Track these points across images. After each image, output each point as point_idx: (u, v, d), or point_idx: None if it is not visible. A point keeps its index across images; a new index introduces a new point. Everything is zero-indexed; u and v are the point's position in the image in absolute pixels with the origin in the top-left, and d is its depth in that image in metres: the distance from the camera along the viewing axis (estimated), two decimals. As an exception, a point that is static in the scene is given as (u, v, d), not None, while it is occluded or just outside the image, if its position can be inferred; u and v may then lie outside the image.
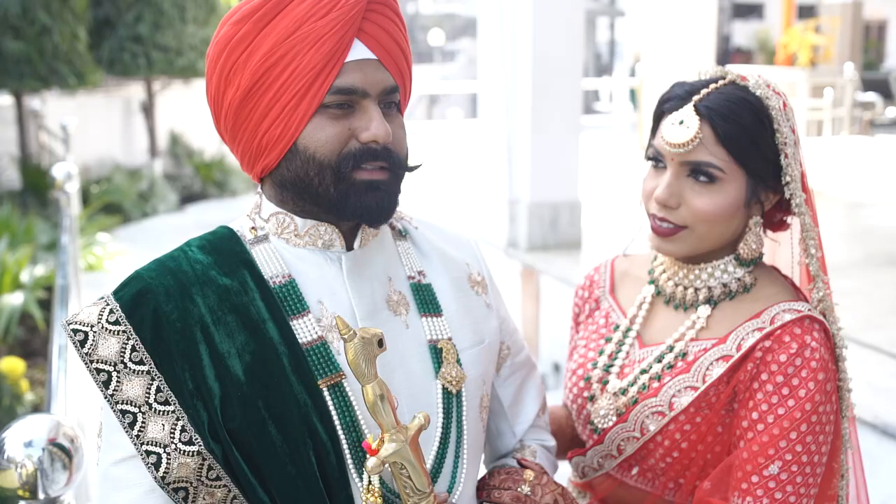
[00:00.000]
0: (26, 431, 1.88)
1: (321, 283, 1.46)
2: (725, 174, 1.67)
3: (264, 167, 1.43)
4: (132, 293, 1.37)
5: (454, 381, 1.51)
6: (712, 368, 1.69)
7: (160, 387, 1.33)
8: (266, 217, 1.49)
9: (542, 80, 7.26)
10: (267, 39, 1.36)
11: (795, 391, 1.61)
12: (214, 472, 1.34)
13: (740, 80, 1.72)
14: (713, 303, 1.77)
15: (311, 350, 1.40)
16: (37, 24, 10.74)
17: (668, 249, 1.75)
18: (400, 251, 1.59)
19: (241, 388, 1.35)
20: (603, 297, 1.98)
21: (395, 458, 1.30)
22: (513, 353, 1.74)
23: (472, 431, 1.55)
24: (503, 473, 1.60)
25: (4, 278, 7.51)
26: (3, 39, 10.59)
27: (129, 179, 12.96)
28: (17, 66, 10.78)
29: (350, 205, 1.40)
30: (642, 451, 1.74)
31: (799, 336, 1.64)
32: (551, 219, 7.41)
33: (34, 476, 1.86)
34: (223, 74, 1.40)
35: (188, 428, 1.33)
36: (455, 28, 36.36)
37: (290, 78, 1.35)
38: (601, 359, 1.86)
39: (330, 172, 1.38)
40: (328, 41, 1.35)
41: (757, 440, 1.62)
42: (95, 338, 1.34)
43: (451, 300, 1.59)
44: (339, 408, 1.39)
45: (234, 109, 1.40)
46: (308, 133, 1.37)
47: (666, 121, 1.71)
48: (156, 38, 13.02)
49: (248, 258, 1.45)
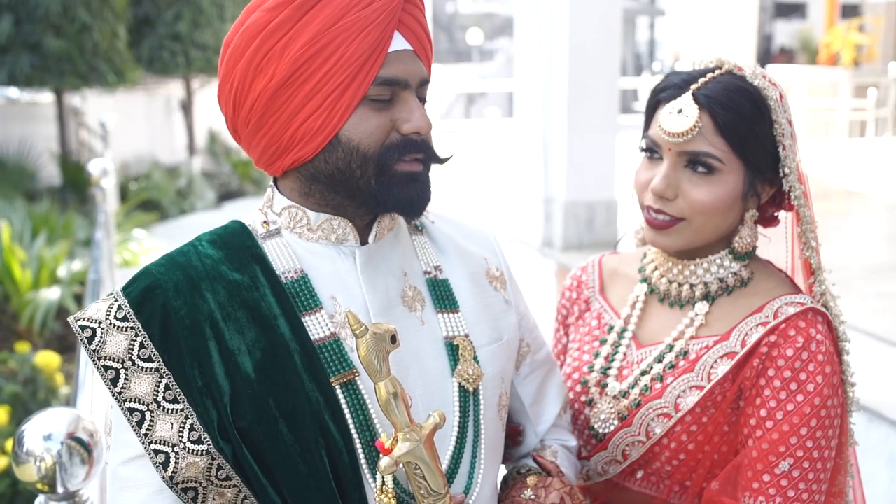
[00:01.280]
0: (46, 425, 1.87)
1: (334, 279, 1.43)
2: (724, 165, 1.63)
3: (296, 160, 1.38)
4: (141, 289, 1.35)
5: (471, 379, 1.48)
6: (717, 366, 1.65)
7: (169, 384, 1.31)
8: (278, 211, 1.46)
9: (579, 79, 7.23)
10: (308, 28, 1.32)
11: (804, 386, 1.57)
12: (224, 472, 1.31)
13: (737, 69, 1.67)
14: (710, 299, 1.72)
15: (324, 347, 1.37)
16: (77, 22, 10.83)
17: (664, 243, 1.71)
18: (416, 245, 1.55)
19: (251, 385, 1.32)
20: (593, 298, 1.93)
21: (409, 458, 1.27)
22: (532, 350, 1.70)
23: (489, 431, 1.51)
24: (508, 486, 1.58)
25: (42, 273, 7.58)
26: (44, 37, 10.69)
27: (167, 177, 13.06)
28: (58, 64, 10.87)
29: (393, 197, 1.38)
30: (647, 455, 1.70)
31: (804, 329, 1.60)
32: (587, 218, 7.37)
33: (53, 470, 1.84)
34: (253, 63, 1.35)
35: (197, 426, 1.30)
36: (494, 27, 36.30)
37: (333, 68, 1.32)
38: (597, 361, 1.81)
39: (373, 164, 1.36)
40: (373, 31, 1.33)
41: (766, 438, 1.58)
42: (103, 335, 1.32)
43: (468, 296, 1.55)
44: (352, 406, 1.36)
45: (264, 100, 1.35)
46: (352, 125, 1.35)
47: (663, 110, 1.66)
48: (194, 36, 13.11)
49: (259, 253, 1.42)
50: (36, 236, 8.32)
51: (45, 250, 7.90)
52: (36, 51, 10.76)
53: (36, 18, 10.67)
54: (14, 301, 7.44)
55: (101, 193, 6.22)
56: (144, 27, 13.27)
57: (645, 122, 1.74)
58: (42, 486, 1.86)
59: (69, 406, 2.37)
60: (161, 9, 13.15)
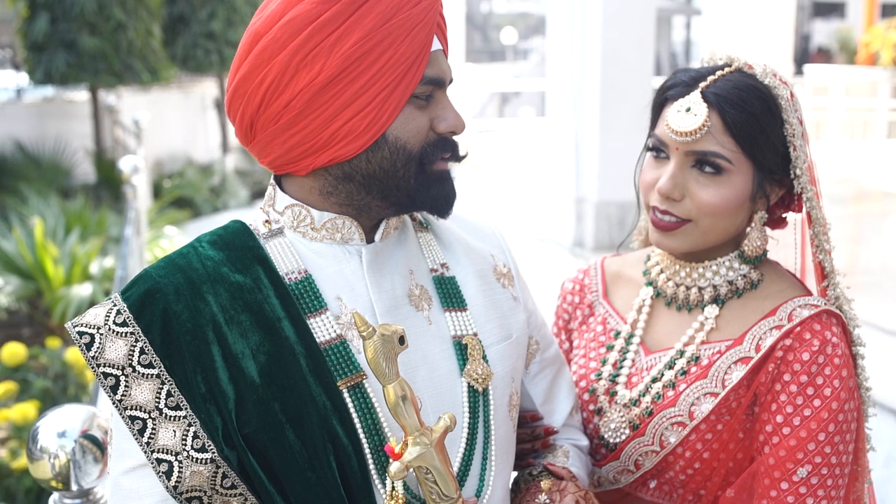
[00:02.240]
0: (61, 422, 1.85)
1: (339, 279, 1.39)
2: (733, 165, 1.58)
3: (333, 159, 1.33)
4: (140, 293, 1.31)
5: (480, 379, 1.43)
6: (731, 372, 1.60)
7: (171, 391, 1.27)
8: (281, 210, 1.41)
9: (611, 78, 7.17)
10: (361, 24, 1.28)
11: (820, 390, 1.52)
12: (229, 481, 1.28)
13: (747, 67, 1.62)
14: (720, 302, 1.67)
15: (330, 349, 1.33)
16: (112, 20, 10.95)
17: (669, 245, 1.65)
18: (422, 243, 1.51)
19: (256, 390, 1.28)
20: (597, 302, 1.87)
21: (420, 463, 1.23)
22: (542, 347, 1.65)
23: (500, 431, 1.47)
24: (522, 491, 1.55)
25: (74, 270, 7.65)
26: (79, 36, 10.83)
27: (200, 174, 13.15)
28: (93, 62, 11.01)
29: (431, 195, 1.37)
30: (661, 465, 1.64)
31: (819, 332, 1.55)
32: (619, 218, 7.31)
33: (67, 467, 1.83)
34: (297, 57, 1.28)
35: (201, 434, 1.26)
36: (528, 27, 36.25)
37: (385, 66, 1.29)
38: (605, 368, 1.75)
39: (415, 164, 1.34)
40: (422, 30, 1.31)
41: (784, 444, 1.53)
42: (102, 340, 1.28)
43: (476, 293, 1.51)
44: (360, 410, 1.32)
45: (307, 97, 1.29)
46: (399, 124, 1.32)
47: (671, 108, 1.61)
48: (228, 35, 13.21)
49: (261, 253, 1.37)
50: (69, 233, 8.40)
51: (78, 247, 7.97)
52: (71, 49, 10.90)
53: (72, 17, 10.82)
54: (46, 297, 7.52)
55: (132, 191, 6.26)
56: (179, 25, 13.39)
57: (651, 120, 1.69)
58: (56, 483, 1.85)
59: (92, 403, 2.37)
60: (195, 7, 13.26)
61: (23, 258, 7.65)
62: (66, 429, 1.84)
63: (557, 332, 1.93)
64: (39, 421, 1.86)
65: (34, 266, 7.54)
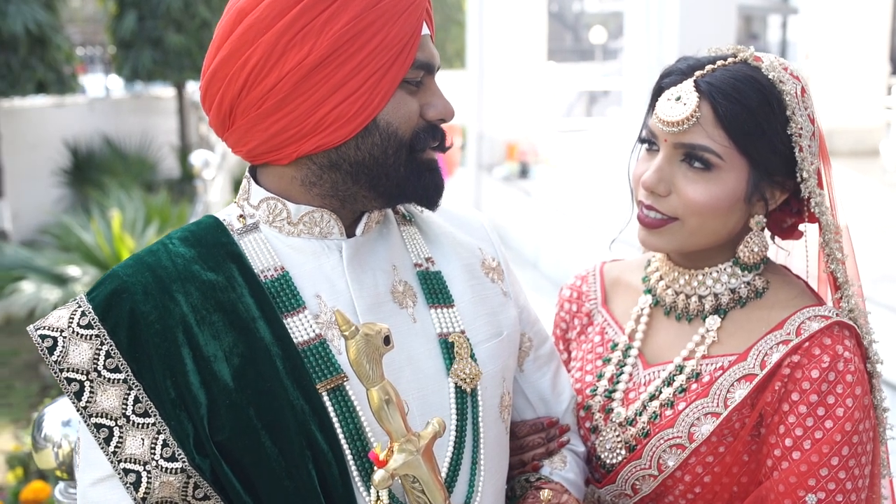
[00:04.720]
0: (65, 410, 1.85)
1: (318, 275, 1.33)
2: (724, 161, 1.46)
3: (319, 146, 1.27)
4: (106, 293, 1.25)
5: (468, 379, 1.36)
6: (734, 390, 1.48)
7: (138, 396, 1.21)
8: (256, 203, 1.36)
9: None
10: (353, 3, 1.23)
11: (832, 410, 1.40)
12: (202, 491, 1.22)
13: (754, 59, 1.50)
14: (722, 312, 1.55)
15: (308, 350, 1.27)
16: (197, 18, 11.18)
17: (654, 243, 1.54)
18: (405, 237, 1.45)
19: (229, 395, 1.22)
20: (595, 311, 1.75)
21: (406, 471, 1.17)
22: (535, 345, 1.58)
23: (490, 435, 1.39)
24: (518, 497, 1.48)
25: (150, 262, 7.78)
26: (165, 33, 11.09)
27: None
28: (178, 59, 11.26)
29: (421, 185, 1.32)
30: (660, 489, 1.53)
31: (830, 347, 1.43)
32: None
33: (71, 456, 1.82)
34: (285, 37, 1.22)
35: (170, 442, 1.20)
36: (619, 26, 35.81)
37: (378, 48, 1.24)
38: (601, 384, 1.64)
39: (405, 151, 1.29)
40: (413, 12, 1.27)
41: (794, 470, 1.41)
42: (66, 344, 1.22)
43: (463, 289, 1.44)
44: (340, 414, 1.26)
45: (294, 79, 1.23)
46: (391, 109, 1.27)
47: (662, 97, 1.51)
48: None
49: (235, 250, 1.31)
50: (148, 226, 8.56)
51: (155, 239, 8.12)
52: (157, 46, 11.18)
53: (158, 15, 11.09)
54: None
55: (202, 185, 6.33)
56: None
57: (648, 110, 1.58)
58: (60, 472, 1.85)
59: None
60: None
61: (100, 249, 7.82)
62: (71, 418, 1.84)
63: (555, 343, 1.81)
64: (45, 409, 1.86)
65: (111, 257, 7.70)
